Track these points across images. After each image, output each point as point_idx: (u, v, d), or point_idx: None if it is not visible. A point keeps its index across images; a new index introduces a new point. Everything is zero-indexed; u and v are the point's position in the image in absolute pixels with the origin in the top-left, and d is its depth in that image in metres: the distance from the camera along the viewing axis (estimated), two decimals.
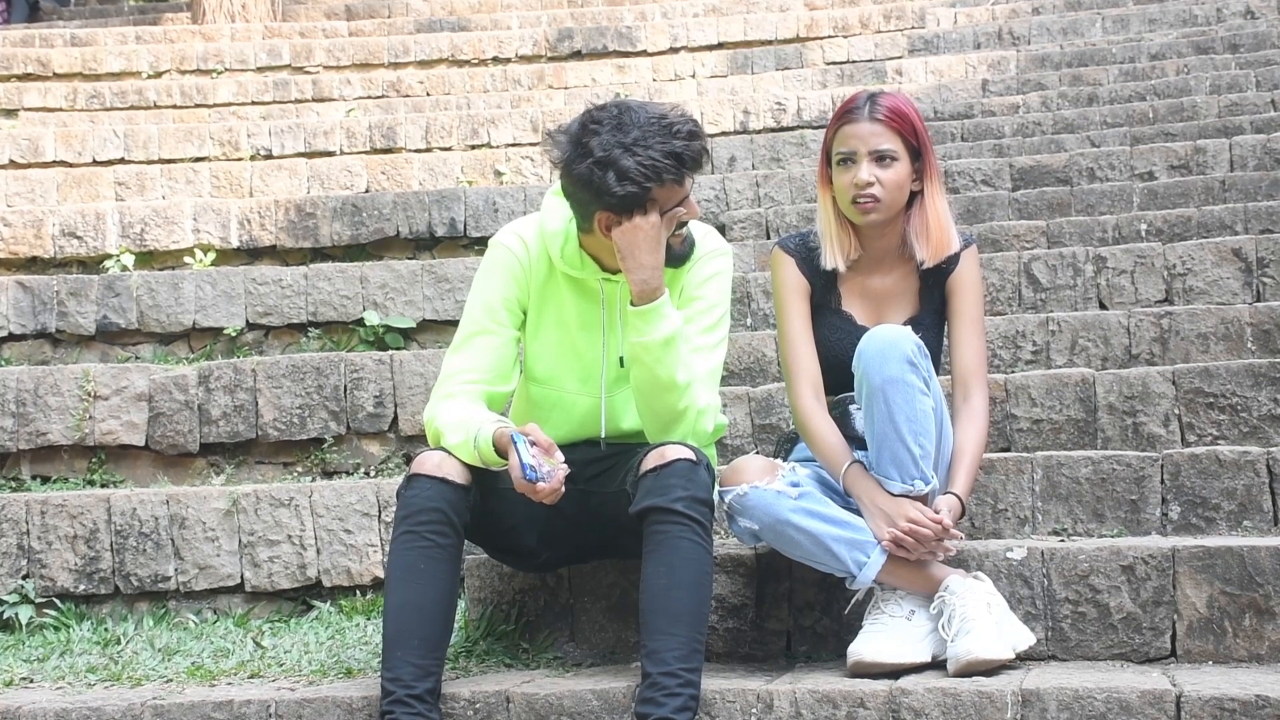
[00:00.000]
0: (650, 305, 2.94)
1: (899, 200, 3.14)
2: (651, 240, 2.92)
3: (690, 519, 2.83)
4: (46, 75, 9.80)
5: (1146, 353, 4.22)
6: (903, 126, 3.11)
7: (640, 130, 2.88)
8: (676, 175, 2.91)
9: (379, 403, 4.77)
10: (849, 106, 3.15)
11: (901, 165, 3.12)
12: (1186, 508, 3.38)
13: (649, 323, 2.94)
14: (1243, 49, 8.05)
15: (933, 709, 2.74)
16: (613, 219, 2.93)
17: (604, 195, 2.89)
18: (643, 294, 2.95)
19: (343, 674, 3.20)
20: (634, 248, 2.92)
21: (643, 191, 2.88)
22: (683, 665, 2.76)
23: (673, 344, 2.95)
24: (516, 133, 8.03)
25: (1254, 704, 2.61)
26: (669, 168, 2.88)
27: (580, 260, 3.08)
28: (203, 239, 6.51)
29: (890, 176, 3.10)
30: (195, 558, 4.06)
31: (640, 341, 2.95)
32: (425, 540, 2.88)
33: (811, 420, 3.11)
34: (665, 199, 2.93)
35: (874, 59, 9.15)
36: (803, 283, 3.21)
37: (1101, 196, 5.77)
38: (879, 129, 3.10)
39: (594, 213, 2.94)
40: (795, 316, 3.19)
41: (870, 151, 3.10)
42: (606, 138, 2.88)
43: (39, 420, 4.78)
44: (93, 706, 2.98)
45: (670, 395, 2.97)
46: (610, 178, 2.86)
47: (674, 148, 2.88)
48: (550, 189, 3.14)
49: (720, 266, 3.11)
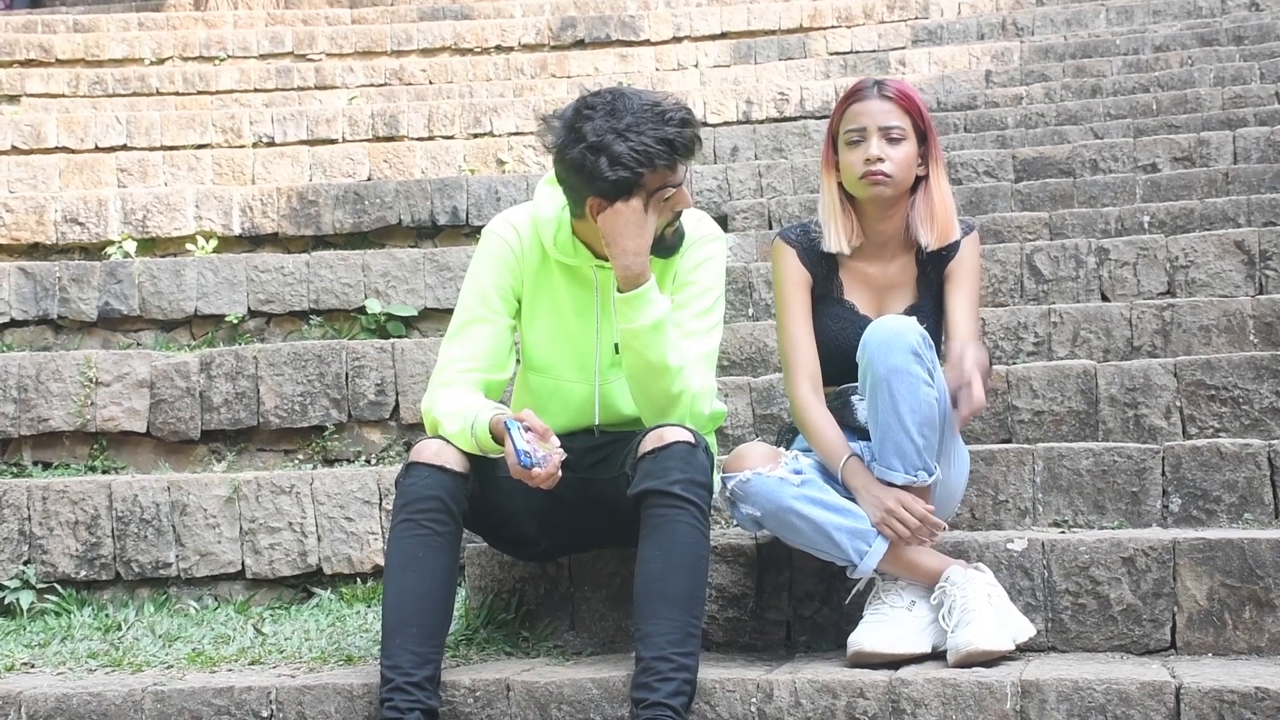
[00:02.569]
0: (636, 291, 2.94)
1: (907, 179, 3.15)
2: (635, 225, 2.92)
3: (687, 501, 2.83)
4: (49, 61, 9.78)
5: (1148, 345, 4.22)
6: (910, 107, 3.15)
7: (634, 116, 2.88)
8: (668, 161, 2.91)
9: (380, 391, 4.77)
10: (857, 88, 3.19)
11: (909, 144, 3.14)
12: (1187, 500, 3.38)
13: (635, 309, 2.94)
14: (1247, 41, 8.03)
15: (932, 699, 2.74)
16: (604, 204, 2.93)
17: (596, 180, 2.89)
18: (627, 279, 2.94)
19: (343, 661, 3.20)
20: (617, 233, 2.92)
21: (634, 176, 2.89)
22: (676, 649, 2.75)
23: (661, 329, 2.95)
24: (519, 121, 8.02)
25: (1254, 696, 2.62)
26: (661, 153, 2.89)
27: (574, 248, 3.08)
28: (205, 226, 6.51)
29: (899, 154, 3.13)
30: (196, 544, 4.07)
31: (629, 328, 2.95)
32: (424, 528, 2.88)
33: (809, 413, 3.11)
34: (656, 185, 2.93)
35: (877, 49, 9.14)
36: (804, 274, 3.21)
37: (1104, 188, 5.76)
38: (889, 106, 3.13)
39: (586, 198, 2.95)
40: (795, 308, 3.19)
41: (881, 128, 3.12)
42: (600, 123, 2.88)
43: (41, 406, 4.78)
44: (94, 692, 2.99)
45: (663, 380, 2.97)
46: (602, 162, 2.87)
47: (666, 134, 2.89)
48: (544, 177, 3.14)
49: (713, 251, 3.11)
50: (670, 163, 2.92)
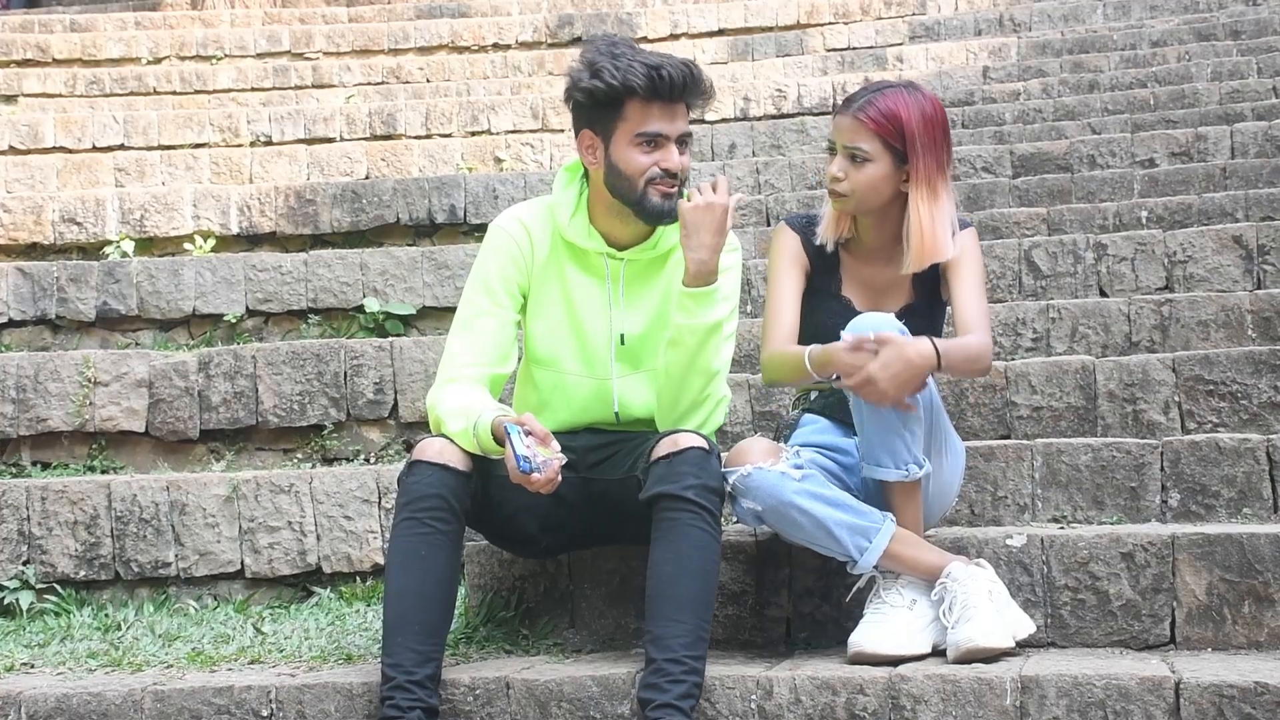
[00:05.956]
0: (706, 288, 2.97)
1: (870, 199, 3.12)
2: (718, 222, 2.96)
3: (701, 507, 2.84)
4: (46, 61, 9.78)
5: (1147, 340, 4.22)
6: (883, 129, 3.07)
7: (631, 50, 3.01)
8: (648, 88, 2.95)
9: (379, 389, 4.77)
10: (846, 97, 3.20)
11: (876, 166, 3.09)
12: (1186, 495, 3.38)
13: (701, 305, 2.96)
14: (1244, 35, 8.03)
15: (932, 696, 2.74)
16: (594, 138, 3.01)
17: (577, 90, 3.00)
18: (699, 275, 2.96)
19: (343, 660, 3.20)
20: (699, 226, 2.95)
21: (609, 90, 2.95)
22: (688, 652, 2.76)
23: (718, 330, 2.99)
24: (517, 119, 8.02)
25: (1253, 690, 2.62)
26: (642, 77, 2.94)
27: (588, 231, 3.09)
28: (203, 225, 6.50)
29: (860, 176, 3.10)
30: (195, 544, 4.06)
31: (689, 323, 2.96)
32: (426, 526, 2.88)
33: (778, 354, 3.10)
34: (640, 123, 2.97)
35: (875, 46, 9.13)
36: (802, 256, 3.22)
37: (1102, 183, 5.76)
38: (856, 127, 3.09)
39: (581, 129, 3.04)
40: (786, 280, 3.19)
41: (845, 146, 3.12)
42: (600, 47, 3.03)
43: (39, 406, 4.78)
44: (93, 692, 2.99)
45: (700, 380, 3.00)
46: (585, 75, 2.98)
47: (652, 61, 2.97)
48: (563, 164, 3.19)
49: (733, 260, 3.12)
50: (650, 94, 2.95)
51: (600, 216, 3.10)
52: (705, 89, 3.02)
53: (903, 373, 2.88)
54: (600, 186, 3.07)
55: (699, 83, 3.00)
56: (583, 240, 3.10)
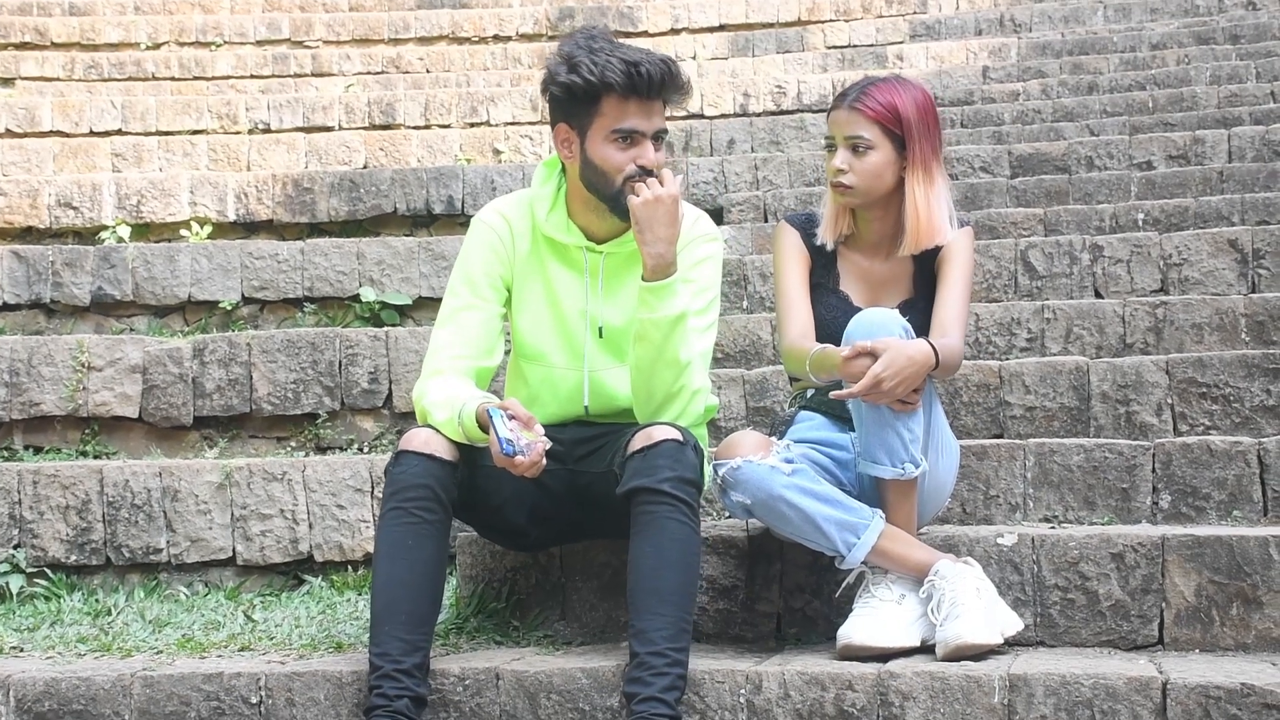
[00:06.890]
0: (664, 281, 2.96)
1: (875, 187, 3.15)
2: (669, 213, 2.95)
3: (677, 499, 2.83)
4: (44, 44, 9.76)
5: (1141, 342, 4.23)
6: (882, 115, 3.13)
7: (609, 44, 2.98)
8: (625, 84, 2.94)
9: (373, 379, 4.77)
10: (839, 93, 3.22)
11: (879, 154, 3.14)
12: (1177, 497, 3.39)
13: (661, 299, 2.95)
14: (1243, 40, 8.04)
15: (920, 692, 2.75)
16: (570, 132, 3.00)
17: (554, 83, 2.99)
18: (657, 269, 2.96)
19: (333, 648, 3.21)
20: (651, 221, 2.94)
21: (587, 85, 2.94)
22: (670, 645, 2.76)
23: (682, 321, 2.97)
24: (516, 111, 8.01)
25: (1239, 692, 2.63)
26: (619, 73, 2.93)
27: (566, 225, 3.09)
28: (199, 212, 6.50)
29: (864, 164, 3.13)
30: (187, 530, 4.06)
31: (651, 317, 2.95)
32: (413, 516, 2.88)
33: (797, 349, 3.13)
34: (616, 118, 2.96)
35: (875, 44, 9.13)
36: (803, 252, 3.25)
37: (1099, 185, 5.76)
38: (855, 117, 3.14)
39: (557, 123, 3.02)
40: (793, 274, 3.23)
41: (846, 138, 3.15)
42: (579, 40, 3.01)
43: (32, 390, 4.77)
44: (82, 676, 2.99)
45: (670, 373, 2.98)
46: (562, 69, 2.97)
47: (630, 57, 2.95)
48: (543, 159, 3.16)
49: (712, 250, 3.13)
50: (628, 90, 2.95)
51: (578, 211, 3.10)
52: (683, 85, 3.01)
53: (907, 369, 2.90)
54: (576, 181, 3.07)
55: (677, 79, 2.99)
56: (561, 235, 3.10)
